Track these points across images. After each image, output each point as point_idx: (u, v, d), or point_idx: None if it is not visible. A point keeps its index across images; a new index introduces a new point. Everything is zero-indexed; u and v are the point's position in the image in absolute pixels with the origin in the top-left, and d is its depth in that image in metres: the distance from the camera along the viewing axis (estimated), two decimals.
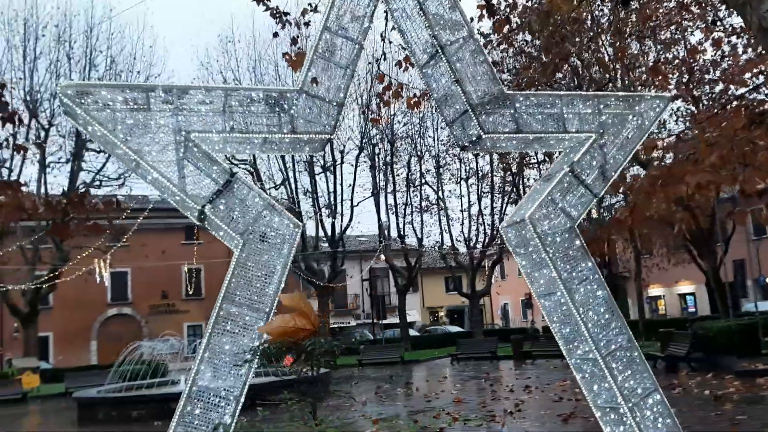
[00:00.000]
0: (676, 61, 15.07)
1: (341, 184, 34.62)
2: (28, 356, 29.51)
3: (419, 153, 35.35)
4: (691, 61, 14.92)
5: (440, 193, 36.26)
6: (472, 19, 8.22)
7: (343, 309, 47.90)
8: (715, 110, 8.61)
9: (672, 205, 6.90)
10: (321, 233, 34.49)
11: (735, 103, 7.47)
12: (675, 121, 18.86)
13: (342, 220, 34.31)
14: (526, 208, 5.39)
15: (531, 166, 29.60)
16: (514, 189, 33.21)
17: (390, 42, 8.09)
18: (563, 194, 5.36)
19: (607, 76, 15.24)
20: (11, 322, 36.60)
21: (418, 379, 19.86)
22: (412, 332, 42.53)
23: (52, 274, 26.90)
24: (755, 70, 7.94)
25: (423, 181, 36.32)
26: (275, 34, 9.53)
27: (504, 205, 34.88)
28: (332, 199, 34.02)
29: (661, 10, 13.11)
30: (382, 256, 30.54)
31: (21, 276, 29.42)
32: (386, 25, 7.72)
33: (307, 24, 8.75)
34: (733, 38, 12.46)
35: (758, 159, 5.93)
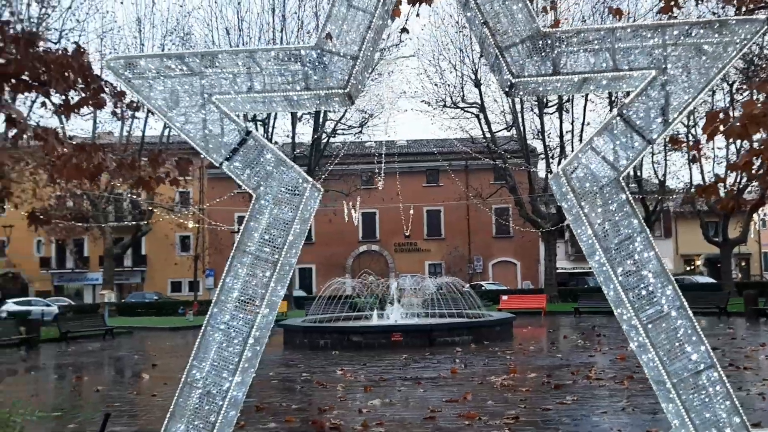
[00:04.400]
0: None
1: (572, 123, 33.06)
2: None
3: None
4: None
5: (693, 130, 32.70)
6: None
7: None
8: None
9: None
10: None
11: None
12: None
13: None
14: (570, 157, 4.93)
15: None
16: None
17: None
18: (607, 141, 4.79)
19: None
20: None
21: (612, 332, 18.42)
22: None
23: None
24: None
25: None
26: None
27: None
28: (561, 139, 32.70)
29: None
30: None
31: None
32: None
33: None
34: None
35: None
